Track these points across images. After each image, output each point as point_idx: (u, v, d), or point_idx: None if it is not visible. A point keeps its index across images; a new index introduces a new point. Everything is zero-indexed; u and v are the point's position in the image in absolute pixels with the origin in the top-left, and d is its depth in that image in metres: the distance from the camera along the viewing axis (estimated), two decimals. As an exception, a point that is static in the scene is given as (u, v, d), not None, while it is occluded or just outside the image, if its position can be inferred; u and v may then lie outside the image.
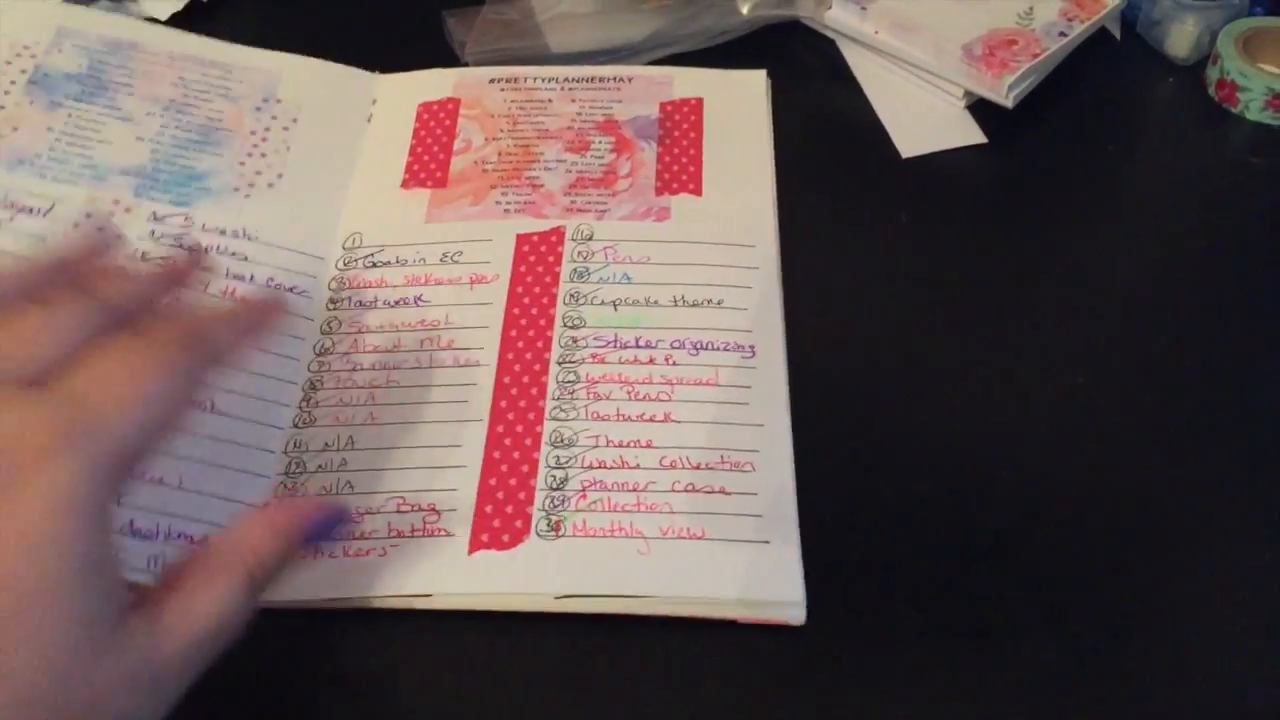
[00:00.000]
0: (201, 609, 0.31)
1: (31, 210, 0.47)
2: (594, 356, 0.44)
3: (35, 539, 0.28)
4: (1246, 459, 0.42)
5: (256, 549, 0.33)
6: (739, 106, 0.54)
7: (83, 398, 0.29)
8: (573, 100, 0.54)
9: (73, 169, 0.49)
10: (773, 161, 0.51)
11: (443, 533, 0.40)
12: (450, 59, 0.56)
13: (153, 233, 0.48)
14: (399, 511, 0.40)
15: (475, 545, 0.39)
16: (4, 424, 0.29)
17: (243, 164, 0.50)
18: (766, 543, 0.39)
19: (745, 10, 0.57)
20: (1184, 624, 0.38)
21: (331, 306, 0.46)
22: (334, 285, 0.47)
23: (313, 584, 0.39)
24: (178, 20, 0.57)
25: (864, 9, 0.55)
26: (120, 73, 0.52)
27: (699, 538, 0.39)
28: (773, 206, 0.50)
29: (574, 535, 0.39)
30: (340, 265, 0.48)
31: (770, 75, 0.55)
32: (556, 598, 0.38)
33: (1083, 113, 0.54)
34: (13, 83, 0.51)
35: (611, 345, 0.45)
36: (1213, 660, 0.38)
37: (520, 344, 0.45)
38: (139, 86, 0.52)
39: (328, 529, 0.36)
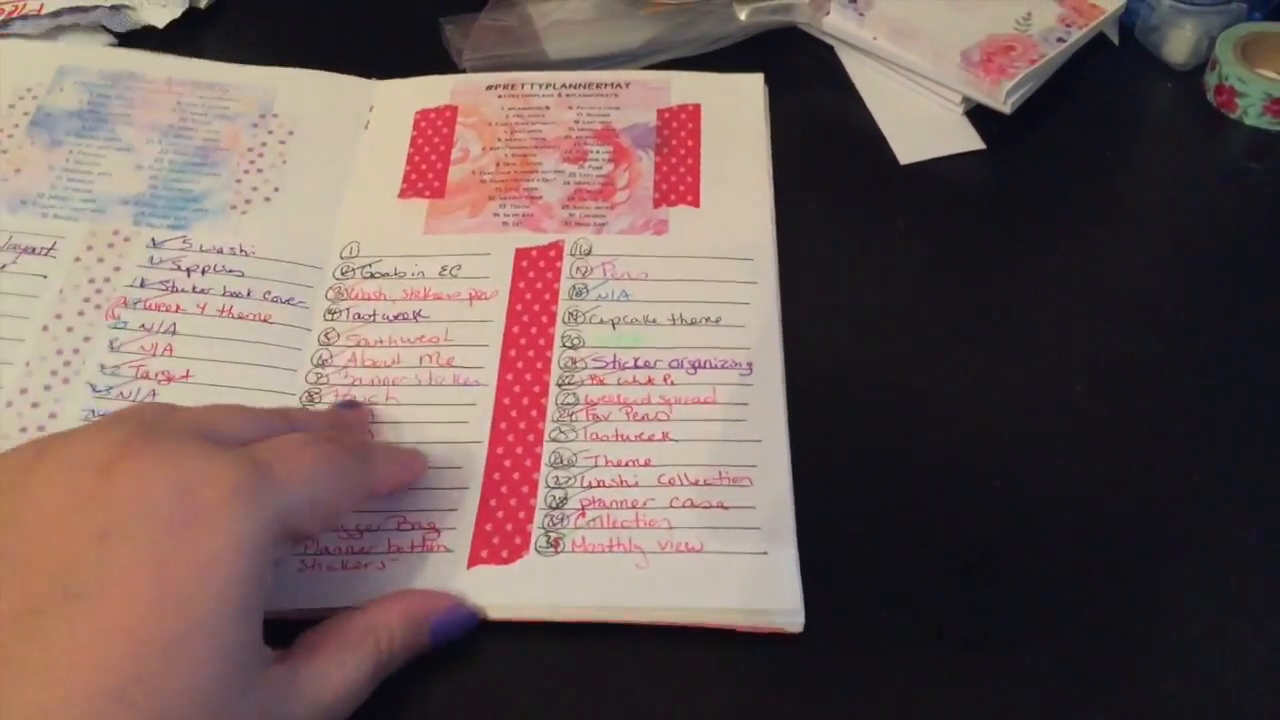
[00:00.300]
0: (335, 678, 0.34)
1: (34, 250, 0.48)
2: (593, 378, 0.44)
3: (210, 572, 0.31)
4: (1244, 467, 0.43)
5: (391, 632, 0.36)
6: (736, 111, 0.54)
7: (265, 463, 0.34)
8: (570, 107, 0.54)
9: (74, 205, 0.49)
10: (770, 169, 0.51)
11: (442, 549, 0.40)
12: (448, 66, 0.56)
13: (151, 259, 0.48)
14: (399, 529, 0.40)
15: (474, 560, 0.40)
16: (197, 467, 0.32)
17: (239, 181, 0.51)
18: (764, 553, 0.39)
19: (743, 16, 0.57)
20: (1181, 635, 0.39)
21: (329, 317, 0.47)
22: (331, 295, 0.47)
23: (310, 594, 0.39)
24: (176, 28, 0.57)
25: (862, 15, 0.55)
26: (120, 104, 0.53)
27: (697, 551, 0.40)
28: (771, 217, 0.50)
29: (573, 551, 0.40)
30: (338, 274, 0.48)
31: (768, 81, 0.55)
32: (554, 609, 0.39)
33: (1081, 119, 0.54)
34: (16, 125, 0.52)
35: (610, 366, 0.45)
36: (1210, 671, 0.38)
37: (520, 364, 0.45)
38: (138, 115, 0.53)
39: (457, 627, 0.38)
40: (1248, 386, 0.45)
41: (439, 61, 0.56)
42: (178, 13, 0.58)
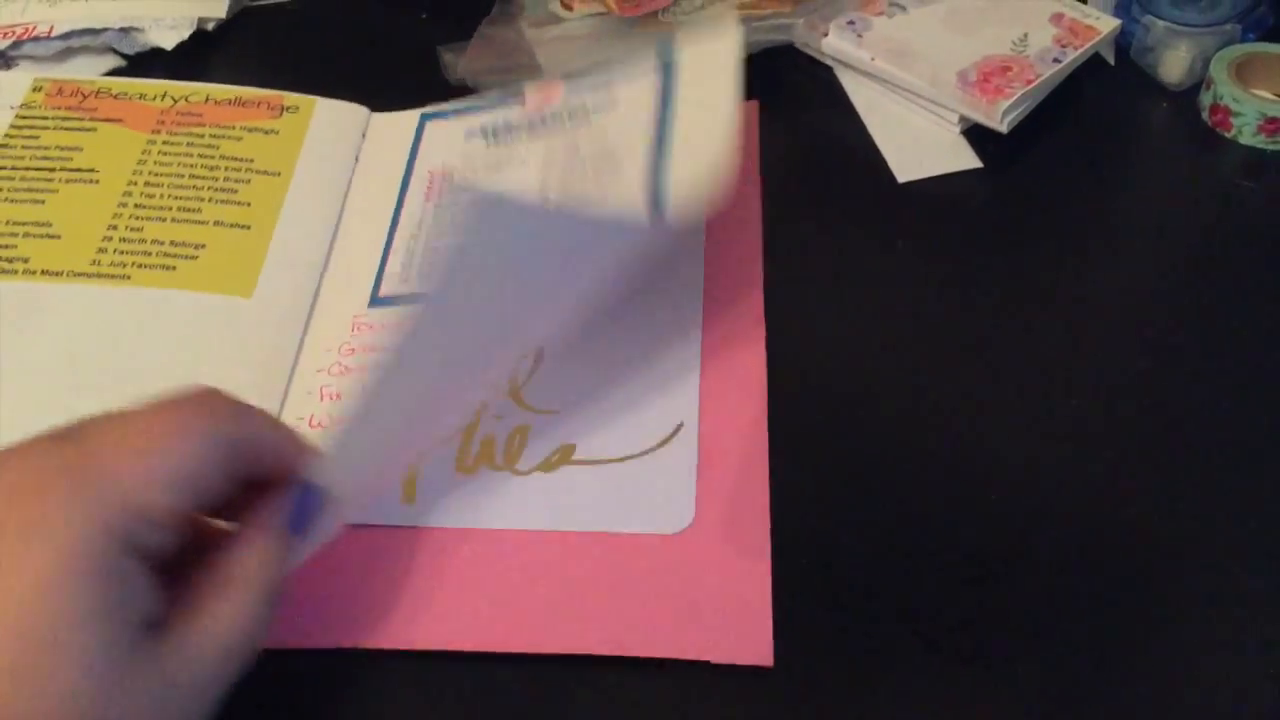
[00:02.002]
0: (223, 626, 0.32)
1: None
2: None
3: (35, 587, 0.29)
4: (1242, 484, 0.43)
5: (254, 552, 0.34)
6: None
7: (90, 452, 0.31)
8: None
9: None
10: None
11: None
12: (446, 93, 0.57)
13: None
14: None
15: None
16: (11, 473, 0.30)
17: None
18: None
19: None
20: (1177, 653, 0.39)
21: None
22: None
23: None
24: (183, 50, 0.58)
25: (860, 36, 0.56)
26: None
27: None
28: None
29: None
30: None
31: (765, 101, 0.56)
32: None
33: (1077, 138, 0.55)
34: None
35: None
36: (1206, 688, 0.38)
37: None
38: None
39: (307, 514, 0.36)
40: (1244, 404, 0.45)
41: (436, 89, 0.57)
42: (185, 35, 0.58)
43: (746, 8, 0.59)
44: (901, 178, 0.53)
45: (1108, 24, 0.56)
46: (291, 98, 0.55)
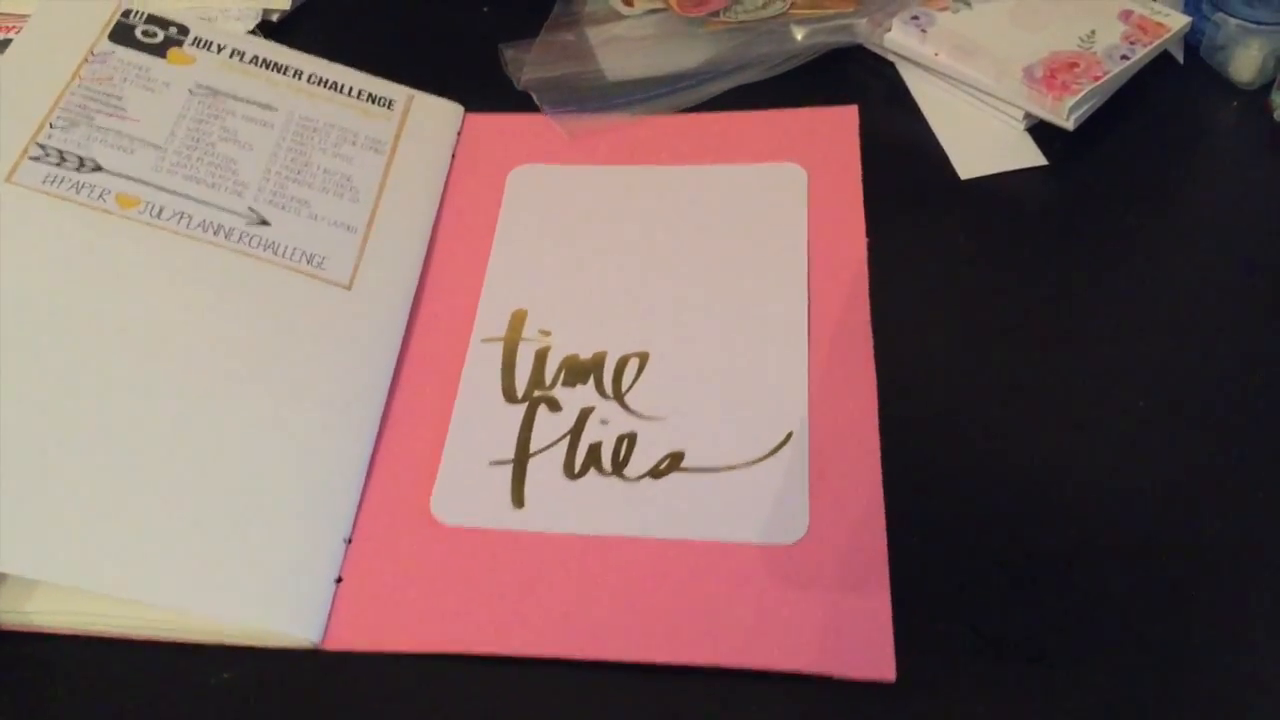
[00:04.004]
0: None
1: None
2: None
3: None
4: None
5: None
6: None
7: None
8: None
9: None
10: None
11: None
12: (506, 88, 0.57)
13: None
14: None
15: None
16: None
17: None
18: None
19: (800, 37, 0.58)
20: (1246, 657, 0.38)
21: None
22: None
23: None
24: (247, 40, 0.59)
25: (924, 32, 0.56)
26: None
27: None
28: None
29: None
30: None
31: (827, 98, 0.55)
32: None
33: (1144, 136, 0.54)
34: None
35: None
36: (1272, 694, 0.37)
37: None
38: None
39: None
40: (1317, 402, 0.44)
41: (496, 85, 0.58)
42: (251, 25, 0.59)
43: (807, 7, 0.59)
44: (965, 174, 0.53)
45: (1178, 21, 0.55)
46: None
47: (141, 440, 0.42)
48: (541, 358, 0.47)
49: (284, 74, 0.55)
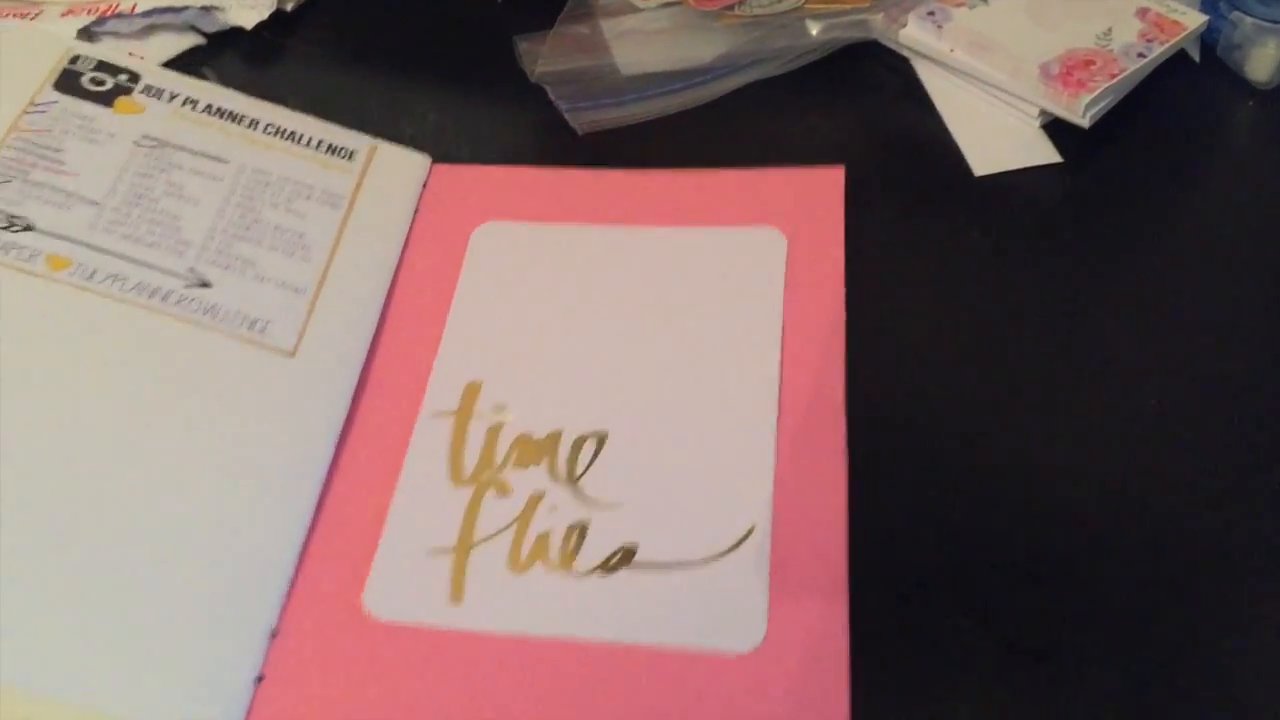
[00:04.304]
0: None
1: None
2: None
3: None
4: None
5: None
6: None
7: None
8: None
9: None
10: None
11: None
12: (519, 79, 0.57)
13: None
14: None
15: None
16: None
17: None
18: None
19: (815, 32, 0.58)
20: (1257, 655, 0.38)
21: None
22: None
23: None
24: (264, 29, 0.59)
25: (940, 27, 0.55)
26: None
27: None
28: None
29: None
30: None
31: (841, 93, 0.55)
32: None
33: (1160, 135, 0.54)
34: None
35: None
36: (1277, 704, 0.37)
37: None
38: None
39: None
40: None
41: (511, 79, 0.57)
42: (265, 15, 0.59)
43: (823, 3, 0.59)
44: (979, 171, 0.53)
45: (1194, 19, 0.55)
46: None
47: (51, 522, 0.39)
48: (494, 436, 0.44)
49: (239, 123, 0.51)
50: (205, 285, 0.46)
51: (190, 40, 0.59)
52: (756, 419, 0.44)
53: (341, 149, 0.53)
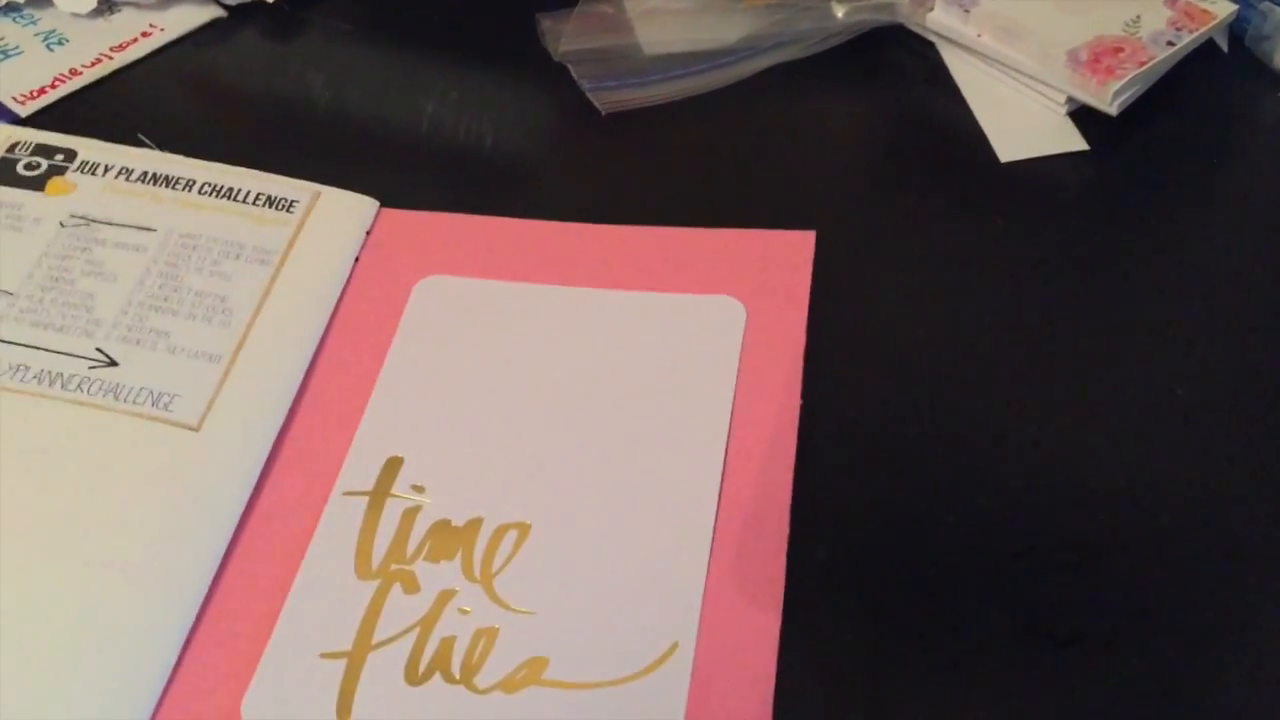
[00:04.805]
0: None
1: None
2: None
3: None
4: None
5: None
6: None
7: None
8: None
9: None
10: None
11: None
12: (542, 58, 0.57)
13: None
14: None
15: None
16: None
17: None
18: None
19: (840, 14, 0.57)
20: (1273, 648, 0.37)
21: None
22: None
23: None
24: (285, 1, 0.58)
25: (967, 12, 0.55)
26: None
27: None
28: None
29: None
30: None
31: (866, 78, 0.55)
32: None
33: (1187, 124, 0.54)
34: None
35: None
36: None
37: None
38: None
39: None
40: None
41: (533, 56, 0.57)
42: (285, -11, 0.59)
43: (847, -15, 0.59)
44: (1004, 157, 0.52)
45: (1224, 8, 0.54)
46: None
47: None
48: (409, 520, 0.41)
49: (173, 188, 0.50)
50: (112, 364, 0.45)
51: (210, 12, 0.58)
52: (692, 521, 0.40)
53: (281, 200, 0.50)
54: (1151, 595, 0.39)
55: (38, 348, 0.45)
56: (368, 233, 0.50)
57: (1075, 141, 0.53)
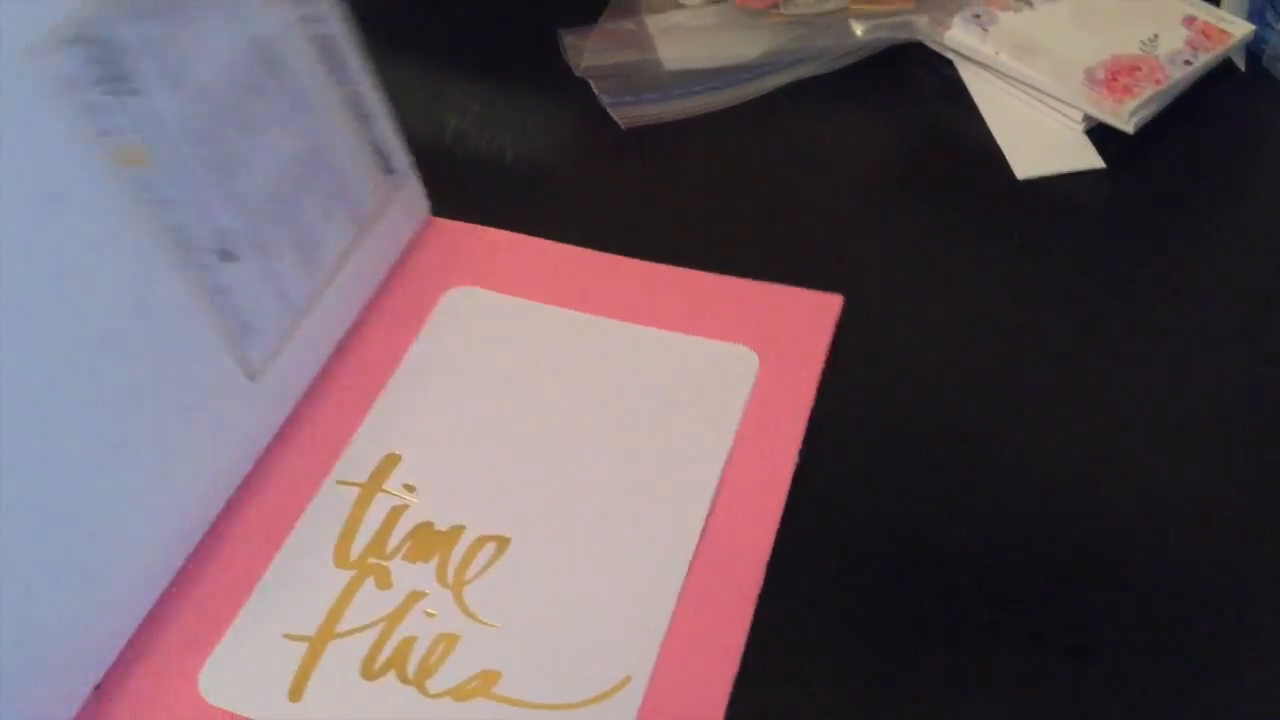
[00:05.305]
0: None
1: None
2: None
3: None
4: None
5: None
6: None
7: None
8: None
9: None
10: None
11: None
12: (564, 74, 0.57)
13: None
14: None
15: None
16: None
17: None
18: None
19: (859, 32, 0.58)
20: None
21: None
22: None
23: None
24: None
25: (985, 30, 0.55)
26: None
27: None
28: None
29: None
30: None
31: (884, 95, 0.55)
32: None
33: (1203, 143, 0.54)
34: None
35: None
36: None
37: None
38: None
39: None
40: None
41: (555, 71, 0.58)
42: None
43: (867, 3, 0.59)
44: (1021, 175, 0.53)
45: (1241, 29, 0.55)
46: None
47: None
48: (394, 517, 0.41)
49: None
50: (231, 259, 0.40)
51: None
52: (669, 560, 0.40)
53: (390, 158, 0.48)
54: (1159, 606, 0.39)
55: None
56: (413, 233, 0.50)
57: (1092, 159, 0.53)
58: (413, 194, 0.50)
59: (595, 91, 0.57)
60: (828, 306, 0.47)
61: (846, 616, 0.39)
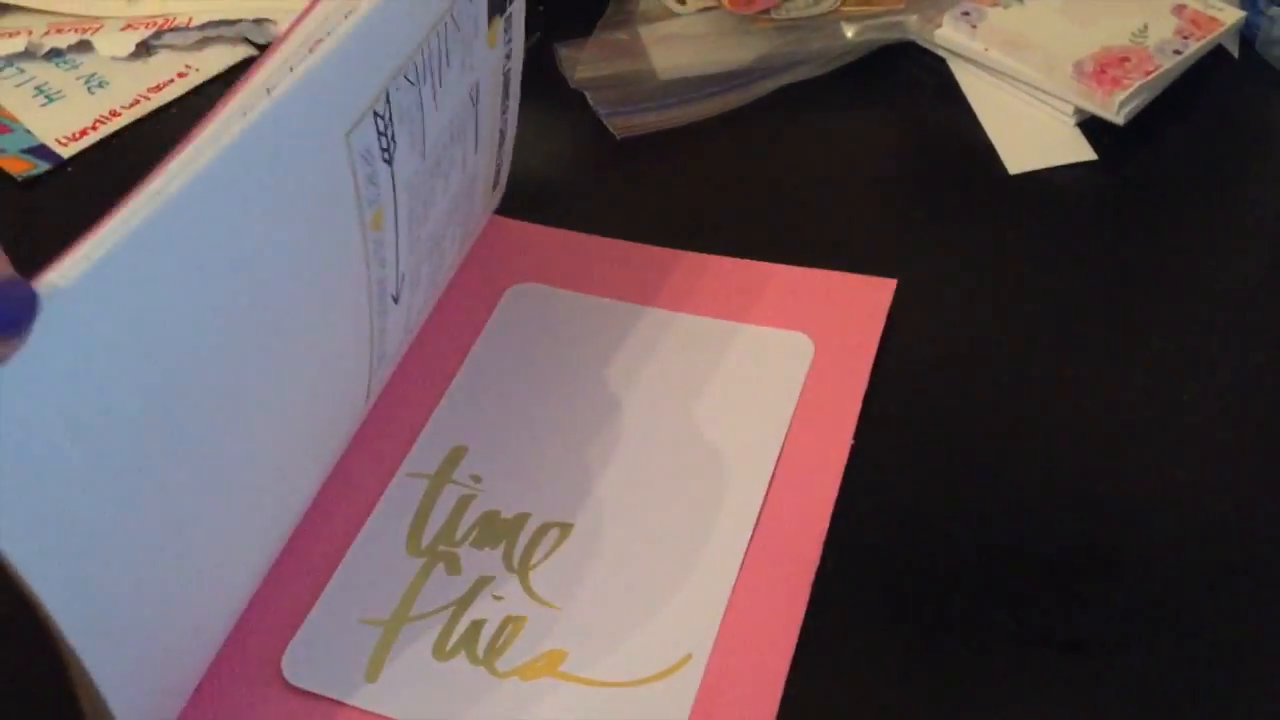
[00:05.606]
0: None
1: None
2: None
3: None
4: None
5: None
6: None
7: None
8: None
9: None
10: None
11: None
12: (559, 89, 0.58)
13: None
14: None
15: None
16: None
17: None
18: None
19: (850, 34, 0.58)
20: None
21: None
22: None
23: None
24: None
25: (974, 27, 0.56)
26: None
27: None
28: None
29: None
30: None
31: (876, 93, 0.56)
32: None
33: (1197, 131, 0.54)
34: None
35: None
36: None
37: None
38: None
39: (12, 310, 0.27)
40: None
41: (552, 86, 0.58)
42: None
43: (857, 5, 0.59)
44: (1013, 169, 0.53)
45: (1232, 15, 0.55)
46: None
47: None
48: (462, 506, 0.43)
49: None
50: (397, 302, 0.43)
51: (244, 51, 0.61)
52: (727, 542, 0.41)
53: (501, 172, 0.51)
54: (1157, 602, 0.39)
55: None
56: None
57: (1084, 151, 0.53)
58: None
59: (591, 102, 0.57)
60: (882, 290, 0.49)
61: (897, 599, 0.40)
